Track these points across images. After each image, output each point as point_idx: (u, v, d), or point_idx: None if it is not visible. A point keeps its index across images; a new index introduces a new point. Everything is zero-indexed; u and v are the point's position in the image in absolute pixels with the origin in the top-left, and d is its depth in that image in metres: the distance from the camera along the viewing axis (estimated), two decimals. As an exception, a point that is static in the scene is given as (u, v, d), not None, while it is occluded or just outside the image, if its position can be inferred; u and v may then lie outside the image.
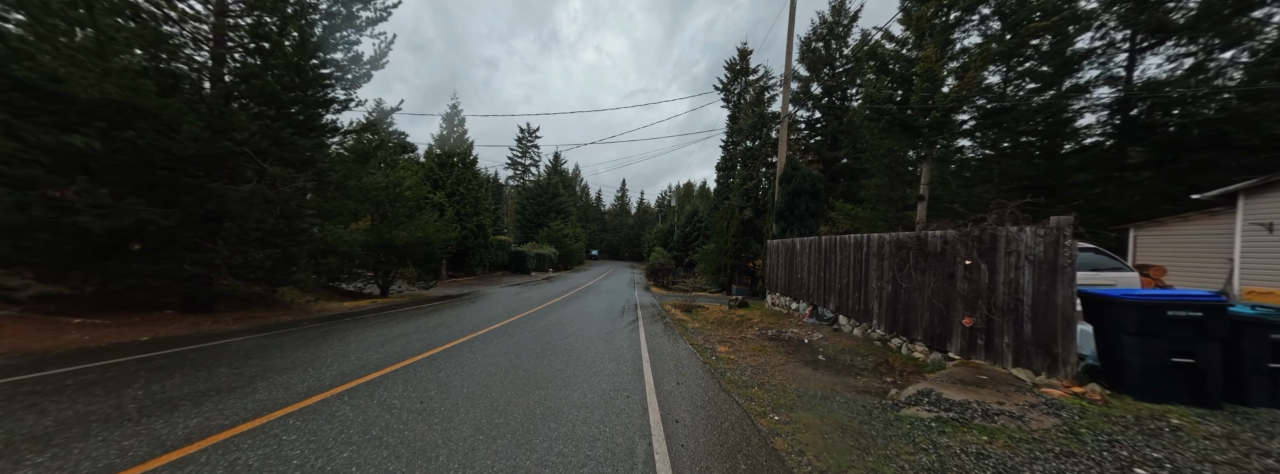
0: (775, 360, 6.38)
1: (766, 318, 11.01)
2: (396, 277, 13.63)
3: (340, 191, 8.24)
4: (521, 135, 72.48)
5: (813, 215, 13.41)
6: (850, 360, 6.21)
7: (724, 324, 11.28)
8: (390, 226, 12.96)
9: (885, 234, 6.74)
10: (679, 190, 71.60)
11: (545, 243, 42.31)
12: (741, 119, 31.49)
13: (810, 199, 13.41)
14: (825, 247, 9.05)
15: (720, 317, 12.78)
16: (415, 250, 13.36)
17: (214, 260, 6.46)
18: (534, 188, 54.64)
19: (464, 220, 20.91)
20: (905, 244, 6.10)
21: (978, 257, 4.69)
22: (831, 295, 8.60)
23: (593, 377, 5.17)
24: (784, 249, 11.89)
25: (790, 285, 11.20)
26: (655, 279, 30.44)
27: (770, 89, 29.06)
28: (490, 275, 27.24)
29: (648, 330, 9.32)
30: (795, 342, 7.83)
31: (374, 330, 7.31)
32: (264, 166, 6.45)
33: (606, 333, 8.64)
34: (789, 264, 11.41)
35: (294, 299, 8.92)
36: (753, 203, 29.24)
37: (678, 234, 45.10)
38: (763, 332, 9.02)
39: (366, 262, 12.70)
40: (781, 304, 11.88)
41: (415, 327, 7.91)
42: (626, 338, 8.16)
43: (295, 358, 5.31)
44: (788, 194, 13.49)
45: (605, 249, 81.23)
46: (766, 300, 13.61)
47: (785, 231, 13.46)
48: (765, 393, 4.75)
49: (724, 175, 36.34)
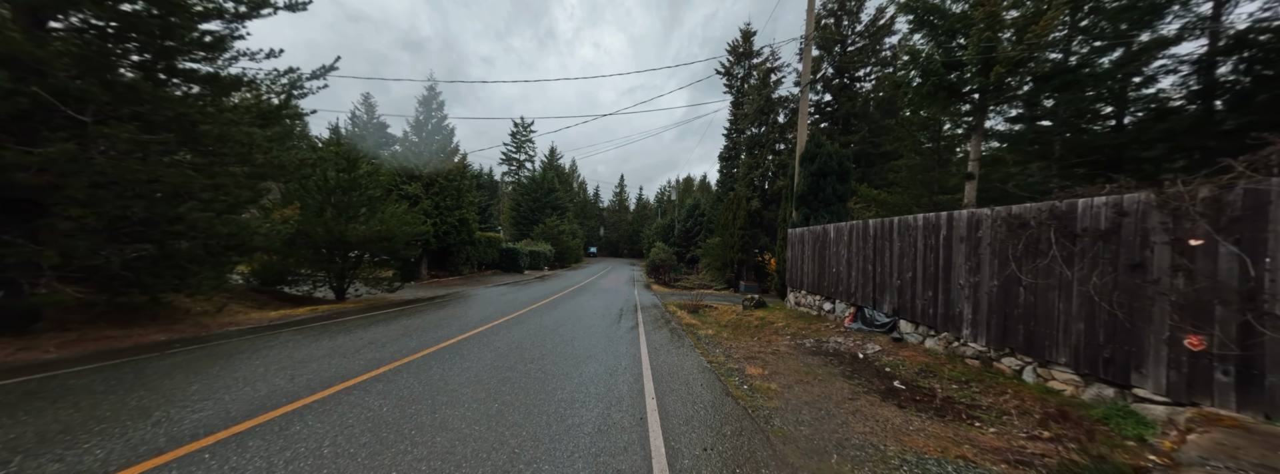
0: (836, 391, 4.43)
1: (793, 321, 9.07)
2: (355, 277, 11.70)
3: (241, 164, 6.24)
4: (516, 130, 70.40)
5: (840, 200, 11.45)
6: (947, 392, 4.26)
7: (742, 330, 9.34)
8: (343, 219, 10.98)
9: (983, 209, 4.79)
10: (679, 184, 69.56)
11: (540, 240, 40.35)
12: (746, 104, 29.49)
13: (837, 181, 11.44)
14: (875, 233, 7.09)
15: (735, 319, 10.85)
16: (375, 247, 11.39)
17: (31, 261, 4.49)
18: (529, 184, 52.64)
19: (445, 214, 18.94)
20: (1028, 221, 4.14)
21: (1215, 233, 2.75)
22: (886, 294, 6.65)
23: (566, 439, 3.21)
24: (811, 239, 9.93)
25: (821, 282, 9.25)
26: (656, 276, 28.48)
27: (778, 71, 27.04)
28: (478, 275, 25.27)
29: (650, 340, 7.38)
30: (846, 357, 5.89)
31: (263, 357, 5.33)
32: (83, 120, 4.46)
33: (597, 347, 6.69)
34: (818, 256, 9.45)
35: (195, 308, 7.00)
36: (760, 193, 27.28)
37: (678, 229, 43.15)
38: (797, 341, 7.07)
39: (311, 259, 10.74)
40: (809, 304, 9.93)
41: (333, 347, 5.95)
42: (624, 355, 6.21)
43: (68, 419, 3.34)
44: (810, 176, 11.52)
45: (604, 246, 79.29)
46: (788, 299, 11.65)
47: (809, 219, 11.50)
48: (858, 472, 2.80)
49: (727, 165, 34.32)
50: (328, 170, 10.70)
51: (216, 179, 5.79)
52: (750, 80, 31.09)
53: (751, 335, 8.53)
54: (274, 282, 11.07)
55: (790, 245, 11.35)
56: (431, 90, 19.89)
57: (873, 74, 24.59)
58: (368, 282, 11.90)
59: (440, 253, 21.96)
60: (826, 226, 9.09)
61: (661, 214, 71.90)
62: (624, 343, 7.11)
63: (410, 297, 13.06)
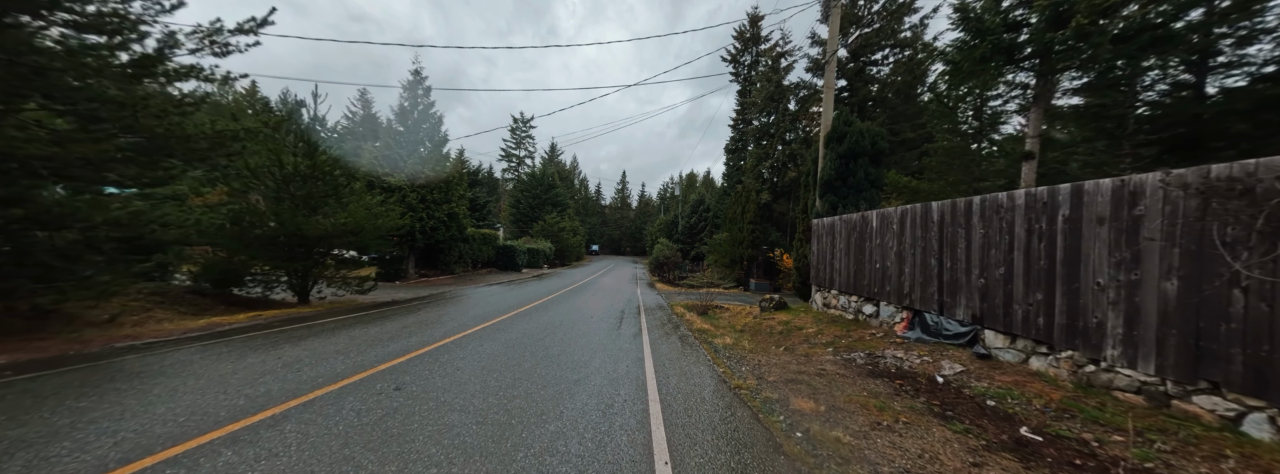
0: (941, 447, 2.94)
1: (826, 327, 7.59)
2: (321, 277, 10.28)
3: (129, 134, 4.78)
4: (515, 125, 68.89)
5: (874, 185, 9.93)
6: (1115, 451, 2.76)
7: (766, 338, 7.86)
8: (302, 210, 9.54)
9: (1145, 176, 3.29)
10: (682, 180, 68.02)
11: (540, 237, 38.94)
12: (754, 92, 27.93)
13: (870, 164, 9.92)
14: (941, 218, 5.59)
15: (753, 324, 9.37)
16: (341, 242, 9.96)
17: None
18: (528, 180, 51.21)
19: (432, 208, 17.51)
20: (1252, 187, 2.64)
21: None
22: (960, 296, 5.16)
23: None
24: (844, 230, 8.43)
25: (858, 280, 7.76)
26: (660, 274, 27.02)
27: (789, 55, 25.43)
28: (472, 273, 23.88)
29: (657, 354, 5.91)
30: (921, 381, 4.40)
31: (107, 394, 3.92)
32: None
33: (590, 367, 5.23)
34: (853, 250, 7.96)
35: (102, 316, 5.56)
36: (770, 185, 25.74)
37: (682, 225, 41.66)
38: (842, 355, 5.59)
39: (268, 257, 9.31)
40: (842, 306, 8.44)
41: (227, 373, 4.53)
42: (625, 378, 4.75)
43: None
44: (838, 158, 10.00)
45: (606, 244, 77.89)
46: (813, 300, 10.16)
47: (836, 208, 9.99)
48: None
49: (734, 158, 32.75)
50: (282, 154, 9.26)
51: (90, 150, 4.35)
52: (758, 67, 29.48)
53: (780, 345, 7.05)
54: (228, 282, 9.65)
55: (816, 238, 9.85)
56: (417, 74, 18.44)
57: (890, 57, 22.97)
58: (335, 282, 10.47)
59: (429, 250, 20.56)
60: (866, 214, 7.58)
61: (664, 210, 70.38)
62: (625, 359, 5.64)
63: (386, 299, 11.64)
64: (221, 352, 5.20)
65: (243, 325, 6.90)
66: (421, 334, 6.75)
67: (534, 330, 7.49)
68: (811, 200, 11.68)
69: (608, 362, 5.47)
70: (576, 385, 4.38)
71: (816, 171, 11.28)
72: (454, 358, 5.35)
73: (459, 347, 5.97)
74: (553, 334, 7.20)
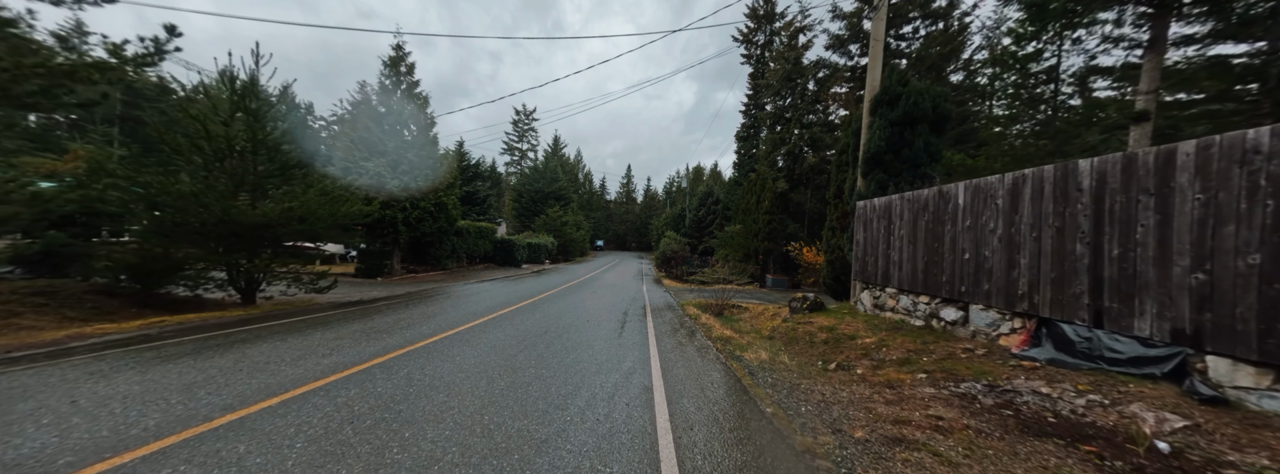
0: None
1: (890, 337, 5.77)
2: (270, 272, 8.61)
3: None
4: (518, 117, 67.14)
5: (935, 159, 8.04)
6: None
7: (807, 349, 6.06)
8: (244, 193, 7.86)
9: None
10: (689, 173, 65.95)
11: (542, 232, 37.29)
12: (768, 73, 25.88)
13: (931, 132, 8.03)
14: (1100, 182, 3.75)
15: (786, 330, 7.57)
16: (286, 232, 8.26)
17: None
18: (531, 173, 49.56)
19: (416, 198, 15.82)
20: None
21: None
22: (1144, 300, 3.36)
23: None
24: (907, 212, 6.60)
25: (931, 275, 5.94)
26: (667, 269, 25.22)
27: (807, 30, 23.34)
28: (466, 269, 22.26)
29: (671, 378, 4.12)
30: (1125, 446, 2.58)
31: None
32: None
33: (573, 406, 3.46)
34: (925, 236, 6.13)
35: None
36: (787, 173, 23.77)
37: (690, 218, 39.81)
38: (947, 387, 3.77)
39: (203, 249, 7.64)
40: (905, 308, 6.62)
41: (44, 416, 2.81)
42: (623, 427, 2.97)
43: None
44: (890, 126, 8.11)
45: (611, 239, 76.23)
46: (858, 300, 8.34)
47: (885, 187, 8.13)
48: None
49: (745, 146, 30.75)
50: (207, 123, 7.55)
51: None
52: (772, 47, 27.39)
53: (831, 362, 5.25)
54: (161, 280, 7.98)
55: (861, 223, 8.00)
56: (399, 50, 16.68)
57: (921, 30, 20.82)
58: (285, 279, 8.81)
59: (418, 244, 18.93)
60: (945, 188, 5.73)
61: (671, 204, 68.49)
62: (625, 390, 3.86)
63: (354, 297, 9.97)
64: (48, 376, 3.50)
65: (122, 337, 5.22)
66: (348, 351, 5.02)
67: (507, 342, 5.73)
68: (848, 180, 9.80)
69: (599, 396, 3.71)
70: (540, 452, 2.62)
71: (858, 145, 9.38)
72: (367, 394, 3.61)
73: (386, 372, 4.23)
74: (530, 349, 5.45)
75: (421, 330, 6.32)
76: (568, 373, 4.39)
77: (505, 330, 6.59)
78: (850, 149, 10.49)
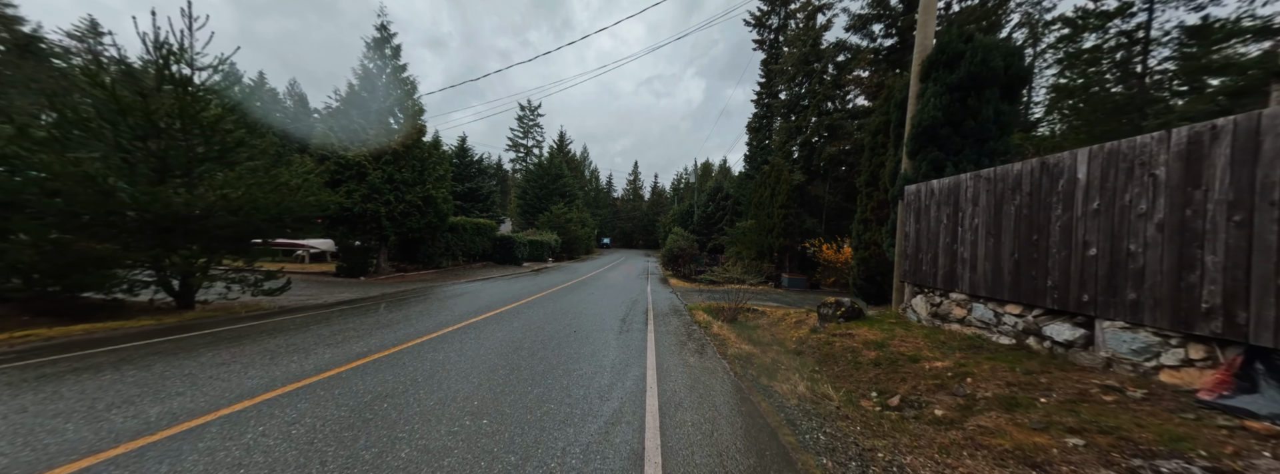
0: None
1: (967, 359, 4.29)
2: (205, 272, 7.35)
3: None
4: (522, 113, 65.95)
5: (1004, 131, 6.49)
6: None
7: (851, 372, 4.59)
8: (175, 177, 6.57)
9: None
10: (697, 169, 64.28)
11: (545, 229, 36.03)
12: (783, 59, 24.21)
13: (1002, 98, 6.47)
14: None
15: (818, 343, 6.08)
16: (217, 225, 6.96)
17: None
18: (536, 170, 48.35)
19: (401, 191, 14.56)
20: None
21: None
22: None
23: None
24: (985, 195, 5.11)
25: (1024, 279, 4.46)
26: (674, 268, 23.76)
27: (827, 9, 21.62)
28: (463, 268, 21.04)
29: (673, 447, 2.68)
30: None
31: None
32: None
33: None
34: (1014, 226, 4.67)
35: None
36: (804, 164, 22.15)
37: (698, 214, 38.29)
38: (1125, 463, 2.27)
39: (127, 245, 6.38)
40: (983, 321, 5.13)
41: None
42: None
43: None
44: (948, 92, 6.57)
45: (618, 237, 74.95)
46: (910, 307, 6.85)
47: (940, 168, 6.60)
48: None
49: (757, 137, 29.09)
50: (116, 89, 6.26)
51: None
52: (788, 30, 25.71)
53: (900, 398, 3.78)
54: (65, 282, 6.75)
55: (912, 213, 6.49)
56: (383, 30, 15.39)
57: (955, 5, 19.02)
58: (229, 279, 7.54)
59: (409, 242, 17.71)
60: (1054, 159, 4.22)
61: (678, 201, 66.91)
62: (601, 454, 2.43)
63: (313, 301, 8.67)
64: None
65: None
66: (218, 385, 3.65)
67: (462, 365, 4.33)
68: (888, 163, 8.25)
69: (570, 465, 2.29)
70: None
71: (901, 121, 7.85)
72: (238, 445, 2.23)
73: (261, 418, 2.85)
74: (488, 376, 4.04)
75: (352, 349, 4.97)
76: (521, 424, 2.98)
77: (467, 346, 5.21)
78: (888, 128, 8.95)
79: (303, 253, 21.06)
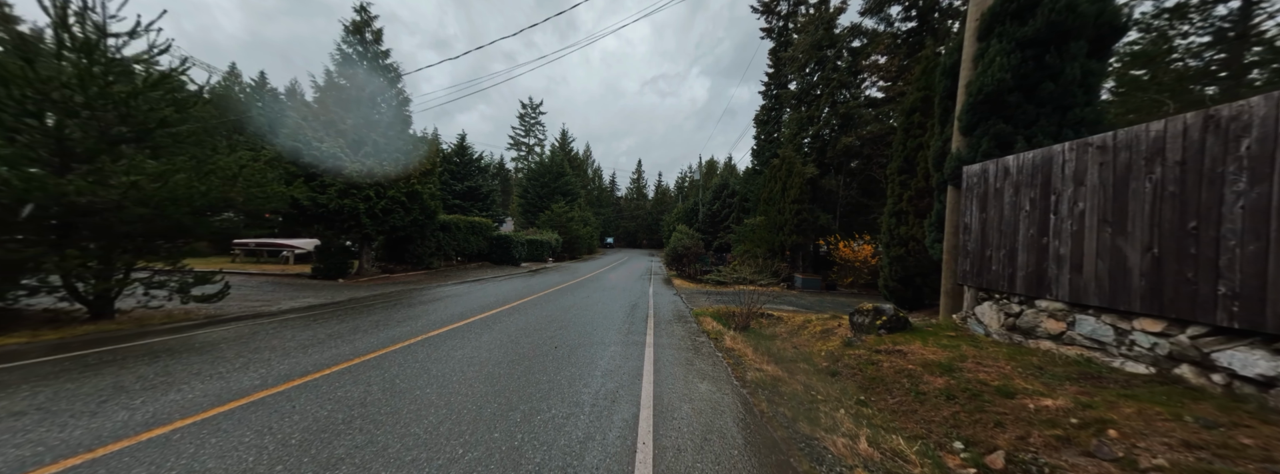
0: None
1: (1089, 396, 3.00)
2: (127, 273, 6.22)
3: None
4: (524, 111, 64.86)
5: (1091, 95, 5.18)
6: None
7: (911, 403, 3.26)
8: (44, 164, 5.43)
9: None
10: (702, 166, 62.88)
11: (546, 228, 34.87)
12: (793, 46, 22.86)
13: (1090, 55, 5.15)
14: None
15: (858, 362, 4.75)
16: (126, 220, 5.79)
17: None
18: (537, 168, 47.26)
19: (382, 186, 13.41)
20: None
21: None
22: None
23: None
24: (1084, 170, 3.86)
25: (1151, 284, 3.24)
26: (678, 267, 22.48)
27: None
28: (456, 268, 19.89)
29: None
30: None
31: None
32: None
33: None
34: (1134, 213, 3.40)
35: None
36: (816, 157, 20.78)
37: (704, 212, 37.00)
38: None
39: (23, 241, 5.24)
40: (1084, 337, 3.87)
41: None
42: None
43: None
44: (1019, 48, 5.27)
45: (621, 236, 73.71)
46: (975, 316, 5.56)
47: (1007, 144, 5.31)
48: None
49: (765, 130, 27.72)
50: None
51: None
52: (798, 17, 24.32)
53: (1005, 456, 2.49)
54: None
55: (974, 200, 5.19)
56: (363, 12, 14.24)
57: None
58: (149, 283, 6.37)
59: (396, 241, 16.58)
60: (1223, 111, 2.92)
61: (683, 199, 65.54)
62: None
63: (264, 309, 7.50)
64: None
65: None
66: (56, 435, 2.43)
67: (418, 391, 3.10)
68: (934, 142, 6.93)
69: None
70: None
71: (953, 90, 6.55)
72: None
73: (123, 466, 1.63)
74: (425, 416, 2.80)
75: (237, 383, 3.75)
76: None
77: (405, 371, 3.98)
78: (928, 104, 7.64)
79: (288, 254, 20.02)
